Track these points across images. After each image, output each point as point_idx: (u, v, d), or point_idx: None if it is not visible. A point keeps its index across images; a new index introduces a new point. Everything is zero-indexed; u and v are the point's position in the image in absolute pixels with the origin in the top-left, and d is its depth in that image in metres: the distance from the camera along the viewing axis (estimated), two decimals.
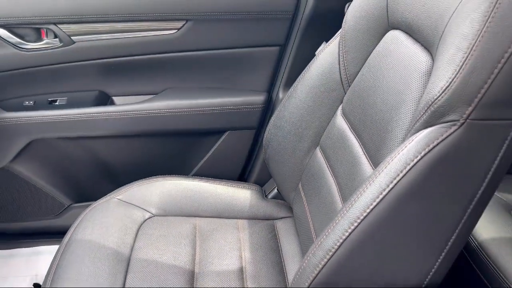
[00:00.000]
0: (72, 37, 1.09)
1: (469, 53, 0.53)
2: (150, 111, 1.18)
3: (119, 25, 1.11)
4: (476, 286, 0.96)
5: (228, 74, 1.20)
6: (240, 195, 1.13)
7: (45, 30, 1.09)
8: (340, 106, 0.94)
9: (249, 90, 1.22)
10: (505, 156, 0.56)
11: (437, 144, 0.55)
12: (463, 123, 0.54)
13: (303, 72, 1.01)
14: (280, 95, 1.20)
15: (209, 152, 1.26)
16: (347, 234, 0.60)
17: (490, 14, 0.51)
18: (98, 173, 1.28)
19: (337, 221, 0.62)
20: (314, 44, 1.05)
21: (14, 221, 1.31)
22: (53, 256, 0.94)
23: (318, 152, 0.98)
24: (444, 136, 0.55)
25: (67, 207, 1.31)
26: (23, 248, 1.32)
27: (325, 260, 0.61)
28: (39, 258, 1.30)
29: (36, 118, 1.15)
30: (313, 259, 0.63)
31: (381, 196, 0.58)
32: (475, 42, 0.52)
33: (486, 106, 0.53)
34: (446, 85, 0.54)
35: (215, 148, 1.26)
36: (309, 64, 1.00)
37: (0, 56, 1.09)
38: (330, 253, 0.61)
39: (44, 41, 1.10)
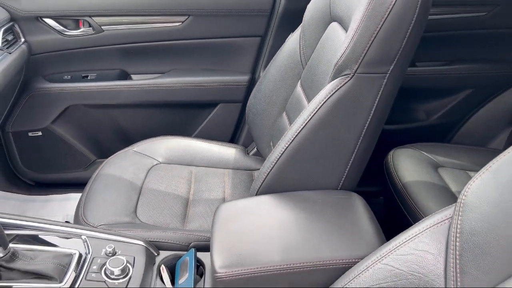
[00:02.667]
0: (102, 27, 1.44)
1: (355, 31, 0.85)
2: (159, 86, 1.52)
3: (138, 18, 1.45)
4: (399, 217, 1.26)
5: (220, 58, 1.53)
6: (228, 151, 1.44)
7: (82, 21, 1.44)
8: (300, 80, 1.25)
9: (237, 71, 1.55)
10: (382, 98, 0.87)
11: (337, 90, 0.87)
12: (353, 76, 0.86)
13: (275, 55, 1.33)
14: (261, 75, 1.52)
15: (205, 119, 1.59)
16: (283, 149, 0.92)
17: (368, 7, 0.83)
18: (118, 134, 1.61)
19: (279, 143, 0.94)
20: (286, 35, 1.36)
21: (50, 173, 1.65)
22: (85, 186, 1.26)
23: (284, 115, 1.29)
24: (341, 84, 0.87)
25: (92, 161, 1.64)
26: (57, 195, 1.65)
27: (270, 168, 0.93)
28: (69, 202, 1.61)
29: (72, 88, 1.50)
30: (263, 169, 0.95)
31: (303, 125, 0.89)
32: (359, 24, 0.84)
33: (366, 64, 0.85)
34: (343, 52, 0.86)
35: (210, 117, 1.59)
36: (280, 49, 1.32)
37: (48, 40, 1.44)
38: (273, 163, 0.93)
39: (81, 30, 1.45)
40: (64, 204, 1.62)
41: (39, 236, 0.94)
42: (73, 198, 1.63)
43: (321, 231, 0.82)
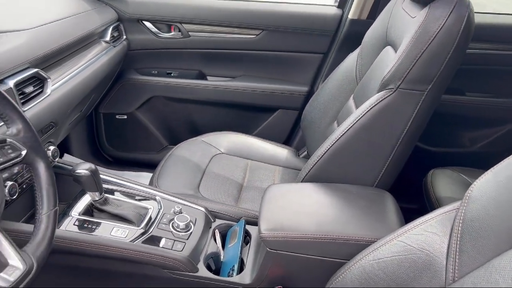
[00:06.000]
0: (189, 32, 1.69)
1: (402, 53, 1.01)
2: (229, 88, 1.75)
3: (219, 28, 1.69)
4: None
5: (285, 69, 1.74)
6: (281, 151, 1.63)
7: (173, 26, 1.70)
8: (353, 94, 1.42)
9: (298, 82, 1.74)
10: (419, 113, 1.02)
11: (381, 101, 1.03)
12: (395, 90, 1.02)
13: (333, 71, 1.50)
14: (319, 87, 1.70)
15: (265, 121, 1.80)
16: (329, 146, 1.09)
17: (415, 34, 1.00)
18: (188, 125, 1.85)
19: (326, 140, 1.11)
20: (346, 54, 1.53)
21: (128, 152, 1.92)
22: (158, 164, 1.49)
23: (335, 124, 1.45)
24: (385, 96, 1.03)
25: (165, 147, 1.89)
26: (131, 172, 1.90)
27: (316, 161, 1.11)
28: (140, 180, 1.85)
29: (157, 82, 1.76)
30: (310, 161, 1.13)
31: (349, 127, 1.06)
32: (406, 47, 1.00)
33: (408, 81, 1.00)
34: (389, 70, 1.03)
35: (269, 120, 1.79)
36: (338, 66, 1.50)
37: (144, 39, 1.71)
38: (319, 157, 1.10)
39: (172, 33, 1.71)
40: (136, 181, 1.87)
41: (126, 191, 1.18)
42: (144, 176, 1.87)
43: (351, 214, 0.97)
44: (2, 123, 0.91)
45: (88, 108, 1.59)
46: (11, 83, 0.98)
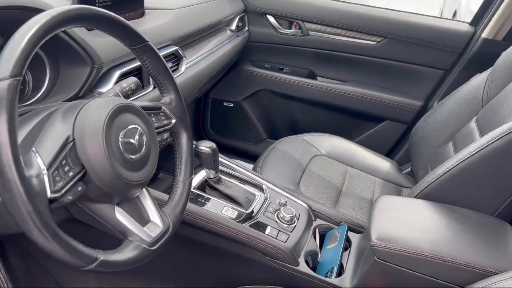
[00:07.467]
0: (309, 31, 1.71)
1: None
2: (339, 91, 1.74)
3: (340, 31, 1.68)
4: None
5: (400, 80, 1.69)
6: (383, 163, 1.59)
7: (295, 23, 1.73)
8: (476, 116, 1.34)
9: (412, 95, 1.68)
10: None
11: None
12: None
13: (456, 90, 1.43)
14: (435, 105, 1.63)
15: (369, 130, 1.76)
16: (452, 167, 1.03)
17: None
18: (289, 121, 1.87)
19: (448, 160, 1.06)
20: (471, 74, 1.46)
21: (227, 138, 1.99)
22: (257, 155, 1.52)
23: (450, 145, 1.38)
24: None
25: (263, 139, 1.93)
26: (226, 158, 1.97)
27: (434, 179, 1.06)
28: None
29: (269, 76, 1.80)
30: (427, 178, 1.08)
31: (476, 150, 1.00)
32: None
33: None
34: None
35: (375, 129, 1.75)
36: (462, 85, 1.42)
37: (264, 33, 1.76)
38: (438, 176, 1.05)
39: (292, 30, 1.74)
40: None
41: (234, 174, 1.23)
42: (239, 164, 1.93)
43: (469, 240, 0.92)
44: (151, 87, 0.99)
45: (203, 91, 1.67)
46: None
